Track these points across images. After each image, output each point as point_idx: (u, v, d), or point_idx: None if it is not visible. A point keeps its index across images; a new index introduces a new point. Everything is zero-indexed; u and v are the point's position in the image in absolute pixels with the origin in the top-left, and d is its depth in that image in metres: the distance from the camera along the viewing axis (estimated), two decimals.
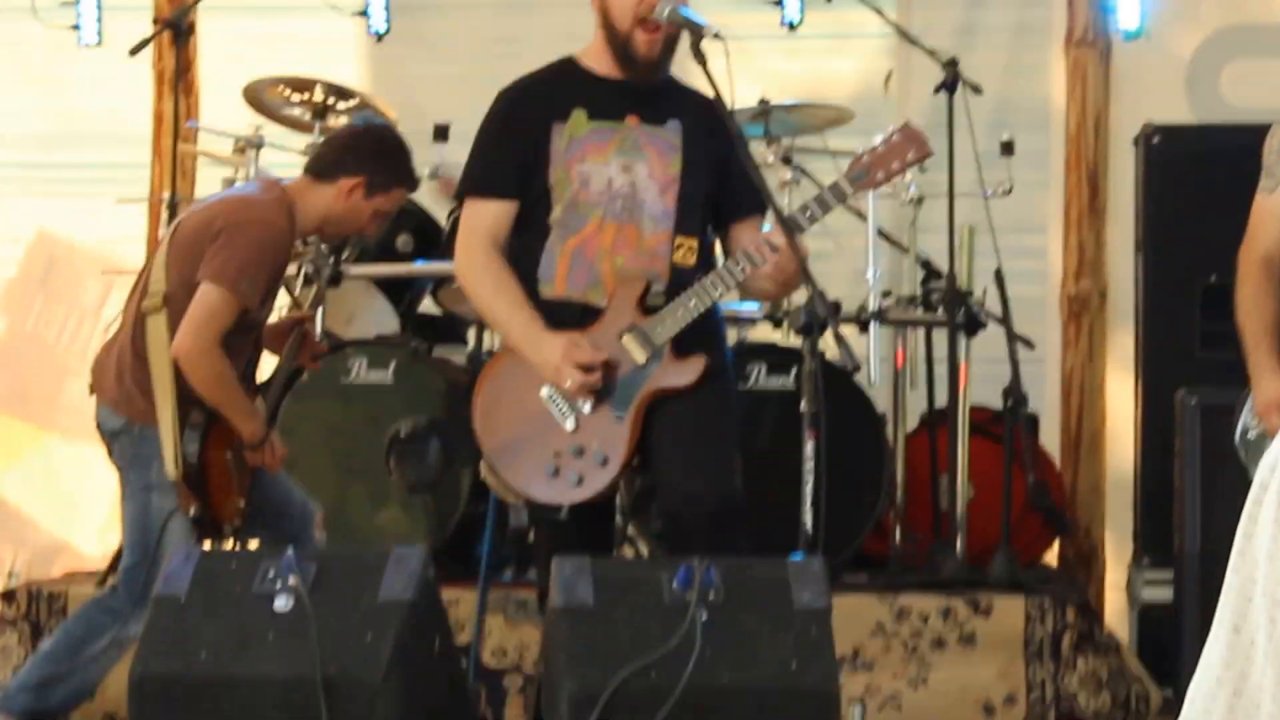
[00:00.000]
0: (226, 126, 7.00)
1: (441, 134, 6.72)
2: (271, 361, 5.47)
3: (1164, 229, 6.61)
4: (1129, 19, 7.48)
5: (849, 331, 5.20)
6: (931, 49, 6.59)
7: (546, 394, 4.80)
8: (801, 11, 7.51)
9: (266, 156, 6.83)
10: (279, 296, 5.47)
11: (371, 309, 6.76)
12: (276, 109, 6.93)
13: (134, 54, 6.79)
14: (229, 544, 5.20)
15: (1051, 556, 7.07)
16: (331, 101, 6.80)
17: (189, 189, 7.60)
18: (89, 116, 7.89)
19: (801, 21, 7.51)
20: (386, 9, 7.75)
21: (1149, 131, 6.62)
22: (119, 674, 4.81)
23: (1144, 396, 6.66)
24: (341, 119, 6.81)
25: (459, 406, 5.18)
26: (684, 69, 4.92)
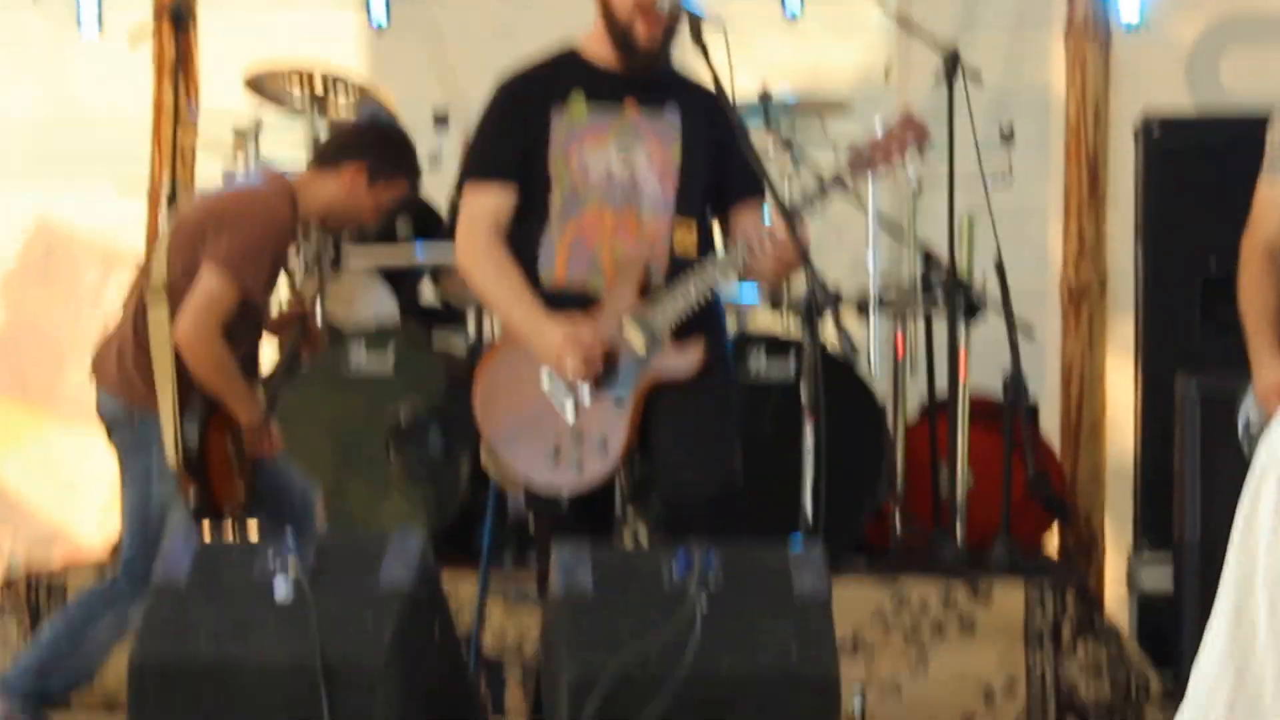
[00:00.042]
0: (226, 116, 7.00)
1: (441, 122, 6.73)
2: (271, 351, 5.48)
3: (1164, 217, 6.61)
4: (1129, 9, 7.48)
5: (849, 320, 5.20)
6: (932, 38, 6.59)
7: (547, 381, 4.80)
8: (802, 1, 7.51)
9: (266, 148, 6.83)
10: (280, 285, 5.49)
11: (371, 294, 6.75)
12: (278, 96, 6.93)
13: (133, 46, 6.79)
14: (229, 530, 5.20)
15: (1052, 545, 7.07)
16: (333, 84, 6.80)
17: (189, 178, 7.60)
18: (89, 105, 7.89)
19: (802, 11, 7.51)
20: (386, 1, 7.76)
21: (1149, 122, 6.62)
22: (118, 660, 4.81)
23: (1144, 385, 6.66)
24: (342, 106, 6.82)
25: (459, 394, 5.18)
26: (685, 60, 4.92)
